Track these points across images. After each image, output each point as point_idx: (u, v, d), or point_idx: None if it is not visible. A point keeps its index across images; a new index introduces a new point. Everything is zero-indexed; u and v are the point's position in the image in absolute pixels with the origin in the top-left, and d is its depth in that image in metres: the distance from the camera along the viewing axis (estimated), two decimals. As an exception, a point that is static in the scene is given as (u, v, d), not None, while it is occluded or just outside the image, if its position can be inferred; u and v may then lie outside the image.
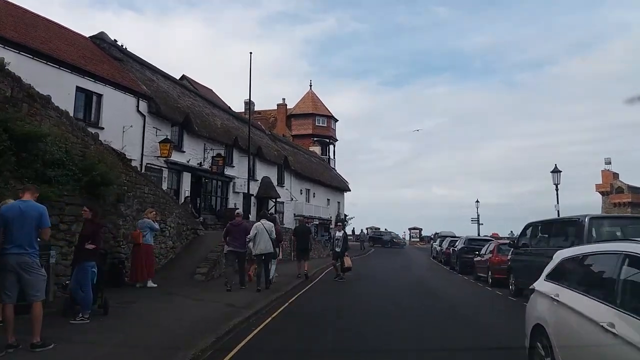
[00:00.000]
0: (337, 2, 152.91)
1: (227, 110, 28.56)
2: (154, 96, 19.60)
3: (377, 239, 48.89)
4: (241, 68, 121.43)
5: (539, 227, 11.98)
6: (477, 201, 52.18)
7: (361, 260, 29.03)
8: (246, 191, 24.59)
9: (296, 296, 12.06)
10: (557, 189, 21.50)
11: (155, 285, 11.19)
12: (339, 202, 45.58)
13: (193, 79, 33.12)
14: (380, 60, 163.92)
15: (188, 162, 21.46)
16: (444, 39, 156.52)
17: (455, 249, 22.24)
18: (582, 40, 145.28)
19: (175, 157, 20.59)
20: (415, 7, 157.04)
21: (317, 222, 36.57)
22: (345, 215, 46.62)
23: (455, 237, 30.77)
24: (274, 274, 14.61)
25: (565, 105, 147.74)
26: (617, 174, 65.50)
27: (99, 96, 17.32)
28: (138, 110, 18.77)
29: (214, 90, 37.78)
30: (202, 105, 25.00)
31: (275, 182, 29.95)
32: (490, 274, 15.53)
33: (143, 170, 18.48)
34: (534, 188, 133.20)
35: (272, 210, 28.79)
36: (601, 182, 66.28)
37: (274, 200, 29.13)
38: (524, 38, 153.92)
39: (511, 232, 59.80)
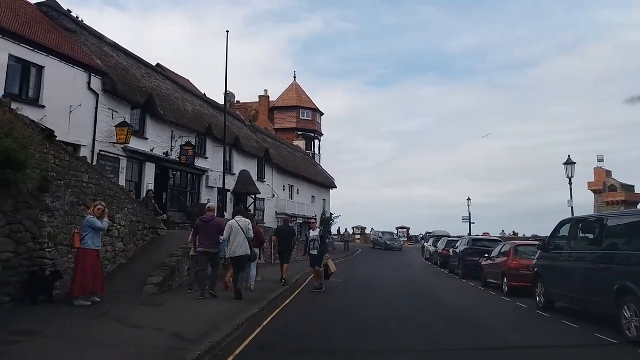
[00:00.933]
0: (324, 1, 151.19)
1: (201, 96, 25.87)
2: (110, 73, 16.87)
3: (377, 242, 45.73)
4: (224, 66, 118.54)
5: (581, 226, 9.62)
6: (469, 199, 50.28)
7: (348, 263, 26.63)
8: (221, 186, 21.97)
9: (276, 312, 9.59)
10: (570, 183, 19.38)
11: (88, 303, 8.57)
12: (324, 200, 43.09)
13: (169, 68, 30.26)
14: (366, 60, 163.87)
15: (152, 150, 18.76)
16: (429, 39, 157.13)
17: (457, 250, 19.94)
18: (566, 41, 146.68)
19: (136, 144, 17.88)
20: (401, 7, 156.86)
21: (301, 221, 34.02)
22: (331, 214, 44.19)
23: (451, 237, 28.59)
24: (254, 279, 12.53)
25: (549, 106, 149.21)
26: (610, 172, 64.21)
27: (40, 68, 14.56)
28: (90, 88, 16.03)
29: (192, 81, 34.93)
30: (171, 88, 22.30)
31: (255, 177, 27.34)
32: (506, 280, 13.22)
33: (95, 159, 15.83)
34: (518, 188, 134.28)
35: (251, 208, 26.20)
36: (594, 180, 64.99)
37: (253, 196, 26.52)
38: (509, 39, 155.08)
39: (502, 231, 58.35)
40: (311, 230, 13.30)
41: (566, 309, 9.97)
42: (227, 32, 20.23)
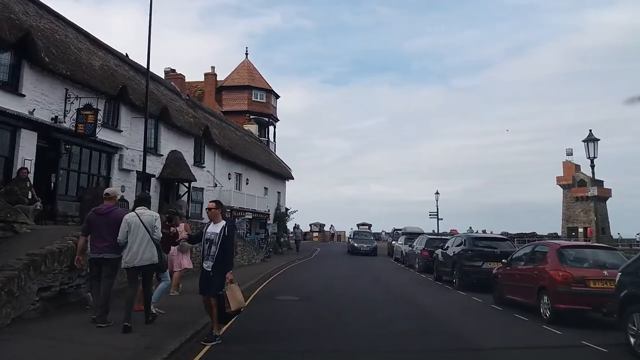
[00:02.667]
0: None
1: (120, 56, 20.36)
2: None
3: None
4: (179, 59, 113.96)
5: None
6: (437, 193, 47.06)
7: (304, 267, 22.01)
8: (141, 169, 16.83)
9: None
10: (592, 164, 15.49)
11: None
12: (279, 192, 38.24)
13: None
14: (324, 57, 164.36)
15: (31, 113, 13.42)
16: (387, 39, 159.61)
17: (447, 251, 15.67)
18: (516, 45, 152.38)
19: (4, 101, 12.58)
20: (359, 6, 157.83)
21: (251, 216, 29.14)
22: (287, 209, 39.43)
23: (431, 234, 24.53)
24: (157, 299, 8.31)
25: (499, 106, 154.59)
26: (579, 166, 62.52)
27: None
28: None
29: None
30: (74, 37, 16.87)
31: (190, 161, 22.21)
32: (546, 300, 8.96)
33: None
34: (470, 186, 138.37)
35: (185, 199, 21.14)
36: (562, 175, 63.14)
37: (186, 184, 21.38)
38: (464, 41, 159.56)
39: (470, 227, 55.54)
40: (211, 224, 7.01)
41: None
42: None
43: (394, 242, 32.45)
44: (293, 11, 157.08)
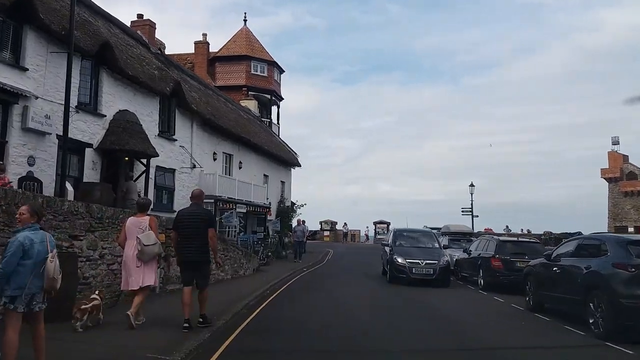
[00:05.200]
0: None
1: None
2: None
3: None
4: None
5: None
6: (472, 185, 40.83)
7: (311, 284, 15.74)
8: (62, 132, 10.78)
9: None
10: None
11: None
12: (283, 182, 31.93)
13: None
14: (333, 56, 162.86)
15: None
16: (396, 38, 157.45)
17: (566, 266, 9.27)
18: (525, 44, 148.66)
19: None
20: (368, 4, 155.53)
21: (245, 210, 22.89)
22: (293, 203, 33.02)
23: (505, 236, 18.23)
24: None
25: (506, 106, 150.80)
26: (627, 156, 55.60)
27: None
28: None
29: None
30: None
31: (153, 129, 15.92)
32: None
33: None
34: (477, 185, 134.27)
35: (140, 181, 14.88)
36: (608, 167, 56.12)
37: (144, 161, 15.10)
38: (472, 40, 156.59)
39: (507, 226, 48.94)
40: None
41: None
42: None
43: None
44: (303, 9, 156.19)
